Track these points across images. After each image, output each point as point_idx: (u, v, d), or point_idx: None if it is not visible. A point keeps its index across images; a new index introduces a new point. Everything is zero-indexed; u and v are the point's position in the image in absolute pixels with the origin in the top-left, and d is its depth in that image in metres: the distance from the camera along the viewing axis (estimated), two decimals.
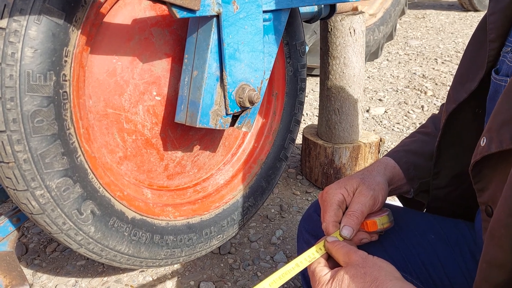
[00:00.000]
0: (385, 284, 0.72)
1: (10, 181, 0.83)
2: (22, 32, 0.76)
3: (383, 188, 0.99)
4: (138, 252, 1.04)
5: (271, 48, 1.11)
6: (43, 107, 0.81)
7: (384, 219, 0.96)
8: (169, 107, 1.10)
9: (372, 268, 0.76)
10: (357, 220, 0.93)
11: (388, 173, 1.04)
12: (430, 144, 1.07)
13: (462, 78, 0.93)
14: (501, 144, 0.68)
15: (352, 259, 0.80)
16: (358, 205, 0.94)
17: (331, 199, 0.97)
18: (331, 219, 0.95)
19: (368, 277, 0.74)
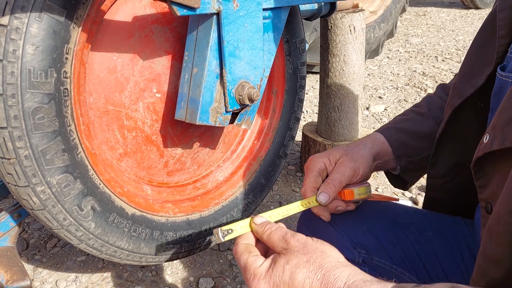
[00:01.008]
0: (331, 271, 0.67)
1: (12, 177, 0.84)
2: (23, 30, 0.77)
3: (366, 161, 1.00)
4: (138, 248, 1.05)
5: (271, 45, 1.11)
6: (44, 104, 0.82)
7: (362, 190, 0.98)
8: (169, 104, 1.11)
9: (315, 254, 0.70)
10: (335, 188, 0.95)
11: (375, 147, 1.05)
12: (423, 124, 1.07)
13: (468, 73, 0.92)
14: (503, 142, 0.67)
15: (290, 245, 0.72)
16: (337, 174, 0.96)
17: (313, 167, 0.99)
18: (310, 185, 0.97)
19: (312, 265, 0.68)
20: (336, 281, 0.65)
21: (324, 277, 0.66)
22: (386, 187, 2.06)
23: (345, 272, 0.66)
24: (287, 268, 0.69)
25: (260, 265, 0.72)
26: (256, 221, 0.79)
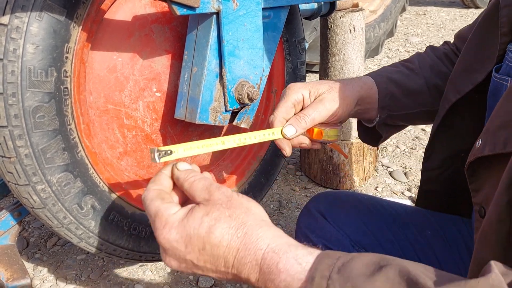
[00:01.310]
0: (254, 230, 0.61)
1: (12, 176, 0.85)
2: (23, 29, 0.77)
3: (347, 104, 0.95)
4: (138, 246, 1.05)
5: (270, 45, 1.11)
6: (45, 102, 0.82)
7: (332, 132, 0.93)
8: (169, 103, 1.11)
9: (239, 209, 0.63)
10: (305, 124, 0.90)
11: (362, 92, 1.00)
12: (412, 80, 1.04)
13: (468, 67, 0.91)
14: (495, 148, 0.66)
15: (214, 197, 0.63)
16: (312, 111, 0.91)
17: (289, 96, 0.93)
18: (280, 114, 0.91)
19: (235, 221, 0.61)
20: (258, 242, 0.60)
21: (246, 235, 0.60)
22: (385, 187, 2.07)
23: (269, 233, 0.61)
24: (206, 221, 0.61)
25: (174, 213, 0.64)
26: (179, 167, 0.70)
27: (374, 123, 1.06)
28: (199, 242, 0.61)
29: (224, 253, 0.60)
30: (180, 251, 0.62)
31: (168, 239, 0.62)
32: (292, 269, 0.56)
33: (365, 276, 0.51)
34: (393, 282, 0.50)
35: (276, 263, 0.57)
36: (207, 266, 0.62)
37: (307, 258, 0.57)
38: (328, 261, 0.55)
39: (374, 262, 0.54)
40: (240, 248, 0.60)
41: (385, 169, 2.21)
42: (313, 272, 0.54)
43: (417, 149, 2.41)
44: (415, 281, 0.48)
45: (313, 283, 0.53)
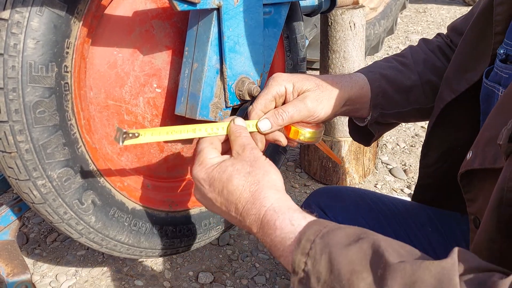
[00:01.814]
0: (264, 190, 0.69)
1: (12, 171, 0.85)
2: (24, 24, 0.77)
3: (332, 106, 0.91)
4: (138, 242, 1.05)
5: (271, 41, 1.11)
6: (45, 98, 0.82)
7: (310, 134, 0.89)
8: (169, 99, 1.11)
9: (259, 170, 0.72)
10: (282, 121, 0.87)
11: (353, 92, 0.96)
12: (405, 76, 1.01)
13: (463, 66, 0.89)
14: (484, 162, 0.66)
15: (245, 153, 0.75)
16: (291, 108, 0.87)
17: (271, 87, 0.89)
18: (259, 107, 0.88)
19: (252, 177, 0.71)
20: (264, 199, 0.68)
21: (257, 192, 0.69)
22: (384, 184, 2.07)
23: (276, 196, 0.69)
24: (229, 170, 0.72)
25: (212, 158, 0.76)
26: (236, 121, 0.82)
27: (365, 122, 1.04)
28: (219, 185, 0.72)
29: (235, 200, 0.70)
30: (204, 188, 0.74)
31: (198, 176, 0.75)
32: (286, 228, 0.64)
33: (342, 245, 0.57)
34: (364, 253, 0.55)
35: (274, 221, 0.66)
36: (222, 207, 0.73)
37: (300, 221, 0.64)
38: (316, 227, 0.61)
39: (355, 233, 0.60)
40: (249, 200, 0.69)
41: (384, 167, 2.21)
42: (301, 235, 0.61)
43: (417, 147, 2.41)
44: (381, 254, 0.54)
45: (300, 244, 0.60)
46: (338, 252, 0.57)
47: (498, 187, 0.61)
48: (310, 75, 0.94)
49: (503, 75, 0.78)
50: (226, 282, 1.45)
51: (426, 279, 0.49)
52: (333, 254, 0.57)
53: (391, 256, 0.53)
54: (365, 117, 1.03)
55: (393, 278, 0.50)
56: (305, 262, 0.59)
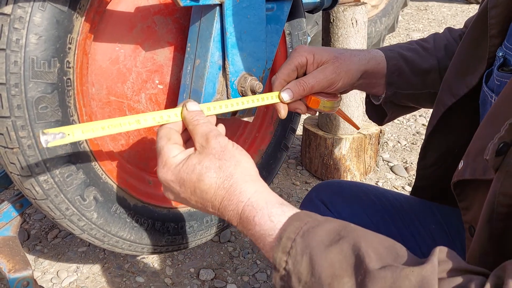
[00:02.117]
0: (239, 184, 0.67)
1: (14, 167, 0.84)
2: (26, 19, 0.77)
3: (350, 77, 0.95)
4: (140, 238, 1.05)
5: (273, 37, 1.11)
6: (47, 93, 0.82)
7: (328, 104, 0.94)
8: (171, 95, 1.11)
9: (229, 161, 0.68)
10: (303, 91, 0.92)
11: (368, 66, 0.99)
12: (424, 59, 1.03)
13: (462, 69, 0.89)
14: (474, 173, 0.66)
15: (209, 145, 0.69)
16: (312, 79, 0.92)
17: (294, 58, 0.94)
18: (282, 76, 0.94)
19: (223, 172, 0.67)
20: (241, 195, 0.66)
21: (231, 187, 0.67)
22: (386, 181, 2.07)
23: (252, 188, 0.67)
24: (198, 168, 0.68)
25: (174, 156, 0.71)
26: (189, 107, 0.75)
27: (380, 100, 1.06)
28: (190, 186, 0.68)
29: (211, 199, 0.68)
30: (175, 189, 0.71)
31: (165, 178, 0.71)
32: (265, 225, 0.63)
33: (323, 245, 0.57)
34: (344, 255, 0.55)
35: (253, 217, 0.64)
36: (198, 205, 0.71)
37: (279, 217, 0.63)
38: (296, 224, 0.61)
39: (336, 230, 0.59)
40: (225, 197, 0.67)
41: (386, 164, 2.21)
42: (281, 233, 0.61)
43: (418, 144, 2.41)
44: (361, 259, 0.54)
45: (281, 242, 0.60)
46: (318, 254, 0.56)
47: (488, 202, 0.61)
48: (330, 47, 0.98)
49: (495, 82, 0.78)
50: (227, 279, 1.45)
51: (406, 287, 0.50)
52: (314, 256, 0.56)
53: (372, 262, 0.53)
54: (380, 94, 1.05)
55: (374, 285, 0.51)
56: (286, 261, 0.59)
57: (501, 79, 0.77)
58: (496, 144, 0.58)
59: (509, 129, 0.58)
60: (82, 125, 0.67)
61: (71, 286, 1.40)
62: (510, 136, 0.58)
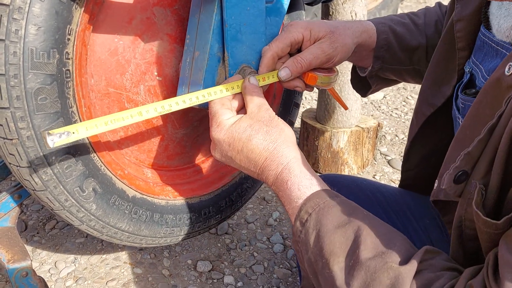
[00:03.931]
0: (282, 148, 0.77)
1: (14, 158, 0.84)
2: (26, 9, 0.76)
3: (345, 51, 0.96)
4: (139, 230, 1.05)
5: (273, 30, 1.11)
6: (46, 84, 0.82)
7: (326, 79, 0.96)
8: (170, 87, 1.10)
9: (275, 128, 0.79)
10: (301, 68, 0.92)
11: (361, 38, 1.00)
12: (414, 36, 1.04)
13: (437, 79, 0.90)
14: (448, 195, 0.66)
15: (260, 113, 0.81)
16: (310, 56, 0.92)
17: (290, 34, 0.94)
18: (275, 49, 0.93)
19: (269, 136, 0.77)
20: (282, 157, 0.76)
21: (275, 150, 0.76)
22: (383, 175, 2.08)
23: (292, 153, 0.77)
24: (248, 130, 0.78)
25: (228, 118, 0.82)
26: (251, 80, 0.88)
27: (366, 72, 1.07)
28: (239, 145, 0.78)
29: (255, 158, 0.78)
30: (224, 148, 0.81)
31: (218, 137, 0.81)
32: (294, 192, 0.73)
33: (331, 226, 0.65)
34: (346, 238, 0.64)
35: (286, 180, 0.74)
36: (241, 164, 0.80)
37: (306, 189, 0.73)
38: (316, 201, 0.70)
39: (347, 213, 0.67)
40: (268, 158, 0.77)
41: (383, 158, 2.22)
42: (303, 205, 0.70)
43: None
44: (357, 246, 0.62)
45: (299, 214, 0.70)
46: (325, 232, 0.65)
47: (455, 226, 0.63)
48: (325, 21, 0.99)
49: (460, 105, 0.79)
50: (224, 270, 1.46)
51: (383, 281, 0.57)
52: (321, 232, 0.65)
53: (365, 250, 0.61)
54: (367, 67, 1.08)
55: (359, 272, 0.60)
56: (300, 231, 0.69)
57: (465, 102, 0.77)
58: (452, 174, 0.61)
59: (463, 159, 0.60)
60: (86, 122, 0.70)
61: (69, 277, 1.40)
62: (466, 166, 0.60)
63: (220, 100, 0.85)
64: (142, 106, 0.77)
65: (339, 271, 0.61)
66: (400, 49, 1.03)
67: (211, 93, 0.86)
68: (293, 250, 0.73)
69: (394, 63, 1.05)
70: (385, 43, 1.02)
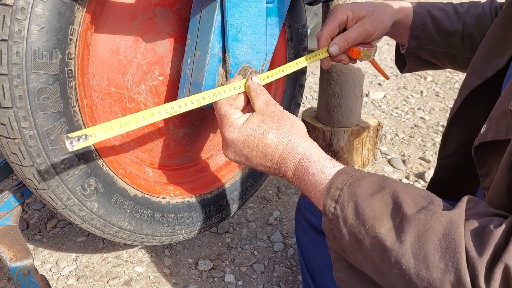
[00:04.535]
0: (296, 139, 0.78)
1: (16, 157, 0.85)
2: (28, 10, 0.77)
3: (384, 28, 1.11)
4: (140, 228, 1.06)
5: (273, 30, 1.11)
6: (49, 84, 0.83)
7: (367, 53, 1.12)
8: (171, 87, 1.11)
9: (286, 121, 0.80)
10: (347, 44, 1.09)
11: (398, 16, 1.13)
12: (451, 21, 1.13)
13: (491, 52, 0.93)
14: (497, 134, 0.70)
15: (269, 109, 0.82)
16: (354, 33, 1.08)
17: (336, 17, 1.10)
18: (327, 32, 1.10)
19: (282, 129, 0.79)
20: (298, 148, 0.77)
21: (290, 142, 0.78)
22: (383, 174, 2.08)
23: (307, 143, 0.78)
24: (261, 126, 0.79)
25: (238, 117, 0.82)
26: (254, 79, 0.90)
27: (403, 50, 1.20)
28: (254, 142, 0.79)
29: (271, 152, 0.78)
30: (239, 147, 0.81)
31: (232, 137, 0.81)
32: (318, 176, 0.73)
33: (367, 194, 0.66)
34: (385, 203, 0.64)
35: (307, 168, 0.75)
36: (257, 160, 0.81)
37: (330, 170, 0.73)
38: (343, 177, 0.70)
39: (377, 182, 0.68)
40: (284, 150, 0.78)
41: (383, 157, 2.22)
42: (331, 183, 0.70)
43: (416, 137, 2.42)
44: (399, 205, 0.62)
45: (330, 192, 0.69)
46: (362, 201, 0.65)
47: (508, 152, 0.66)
48: (364, 2, 1.14)
49: None
50: (225, 269, 1.46)
51: (436, 228, 0.57)
52: (358, 202, 0.65)
53: (408, 207, 0.61)
54: (405, 44, 1.18)
55: (409, 226, 0.59)
56: (334, 207, 0.68)
57: None
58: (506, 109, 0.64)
59: None
60: (102, 125, 0.71)
61: (71, 275, 1.41)
62: None
63: (227, 101, 0.86)
64: (153, 108, 0.79)
65: (387, 232, 0.61)
66: (436, 31, 1.12)
67: (216, 94, 0.87)
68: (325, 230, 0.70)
69: (429, 43, 1.13)
70: (420, 23, 1.12)
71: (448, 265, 0.54)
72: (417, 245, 0.57)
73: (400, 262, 0.58)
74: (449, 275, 0.54)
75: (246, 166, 0.86)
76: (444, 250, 0.55)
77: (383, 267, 0.61)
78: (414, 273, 0.57)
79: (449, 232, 0.56)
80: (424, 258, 0.56)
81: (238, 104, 0.89)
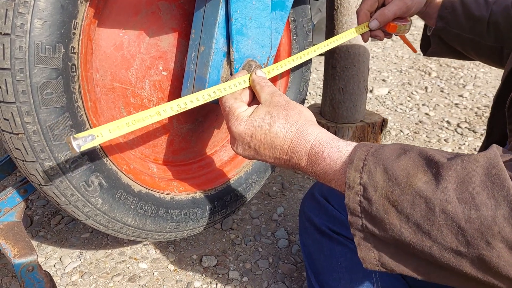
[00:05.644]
0: (305, 127, 0.76)
1: (20, 152, 0.84)
2: (31, 3, 0.76)
3: (420, 3, 1.15)
4: (144, 224, 1.05)
5: (278, 24, 1.10)
6: (52, 79, 0.82)
7: (403, 27, 1.15)
8: (175, 82, 1.10)
9: (293, 110, 0.78)
10: (387, 19, 1.13)
11: None
12: (479, 8, 1.15)
13: None
14: None
15: (275, 99, 0.81)
16: (394, 7, 1.12)
17: None
18: (366, 7, 1.15)
19: (290, 119, 0.77)
20: (308, 135, 0.75)
21: (298, 130, 0.75)
22: None
23: (316, 129, 0.76)
24: (268, 117, 0.78)
25: (244, 110, 0.81)
26: (258, 73, 0.89)
27: (430, 31, 1.23)
28: (261, 133, 0.77)
29: (280, 143, 0.76)
30: (246, 140, 0.79)
31: (239, 130, 0.79)
32: (335, 156, 0.71)
33: (393, 157, 0.64)
34: (414, 160, 0.62)
35: (321, 152, 0.72)
36: (266, 153, 0.79)
37: (346, 147, 0.71)
38: (364, 148, 0.68)
39: (399, 148, 0.66)
40: (293, 140, 0.75)
41: None
42: (352, 156, 0.67)
43: (421, 133, 2.40)
44: (431, 159, 0.61)
45: (352, 164, 0.66)
46: (390, 163, 0.63)
47: None
48: None
49: None
50: (229, 266, 1.46)
51: (476, 169, 0.57)
52: (387, 165, 0.63)
53: (441, 158, 0.61)
54: (433, 26, 1.22)
55: (448, 172, 0.58)
56: (360, 177, 0.65)
57: None
58: None
59: None
60: (108, 124, 0.70)
61: (75, 272, 1.41)
62: None
63: (232, 95, 0.85)
64: (159, 106, 0.78)
65: (425, 185, 0.59)
66: (463, 15, 1.14)
67: (221, 90, 0.86)
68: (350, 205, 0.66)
69: (456, 27, 1.16)
70: (450, 5, 1.16)
71: (498, 199, 0.54)
72: (461, 189, 0.56)
73: (446, 209, 0.56)
74: (501, 209, 0.53)
75: (257, 160, 0.84)
76: (490, 187, 0.55)
77: (425, 223, 0.58)
78: (463, 217, 0.55)
79: (490, 170, 0.56)
80: (471, 200, 0.55)
81: (243, 99, 0.88)
